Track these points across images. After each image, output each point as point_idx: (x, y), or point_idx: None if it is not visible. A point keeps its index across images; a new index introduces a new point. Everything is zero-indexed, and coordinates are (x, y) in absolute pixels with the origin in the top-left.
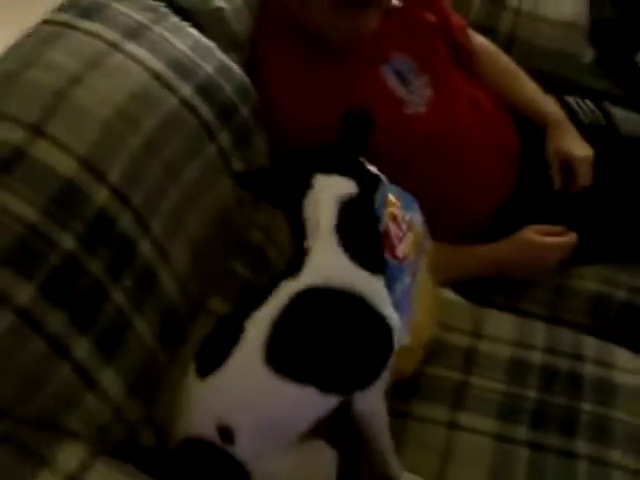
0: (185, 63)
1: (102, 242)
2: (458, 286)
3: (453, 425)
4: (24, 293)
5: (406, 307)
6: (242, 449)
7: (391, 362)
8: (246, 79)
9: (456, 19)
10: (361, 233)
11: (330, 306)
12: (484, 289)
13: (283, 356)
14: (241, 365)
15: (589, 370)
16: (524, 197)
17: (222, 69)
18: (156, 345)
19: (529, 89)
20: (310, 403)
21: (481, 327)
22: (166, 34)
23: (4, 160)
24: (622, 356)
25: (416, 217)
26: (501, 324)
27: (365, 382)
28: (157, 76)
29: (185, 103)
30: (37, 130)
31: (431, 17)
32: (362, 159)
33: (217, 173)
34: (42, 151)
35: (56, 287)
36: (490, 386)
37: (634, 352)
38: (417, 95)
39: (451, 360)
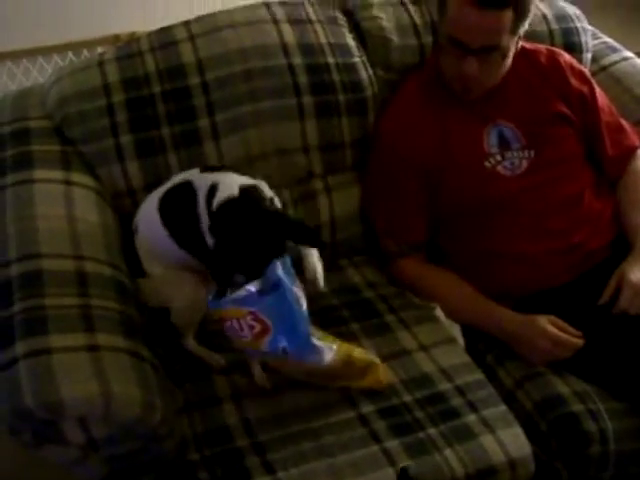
0: (314, 48)
1: (175, 99)
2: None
3: None
4: None
5: None
6: (138, 240)
7: None
8: (363, 85)
9: (624, 138)
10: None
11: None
12: (487, 341)
13: (164, 213)
14: (149, 205)
15: (458, 403)
16: (570, 294)
17: (343, 67)
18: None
19: None
20: (170, 246)
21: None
22: (319, 29)
23: (160, 44)
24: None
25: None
26: (452, 355)
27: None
28: (283, 44)
29: (290, 66)
30: (191, 37)
31: (563, 107)
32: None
33: (288, 118)
34: (184, 47)
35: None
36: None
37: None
38: (508, 161)
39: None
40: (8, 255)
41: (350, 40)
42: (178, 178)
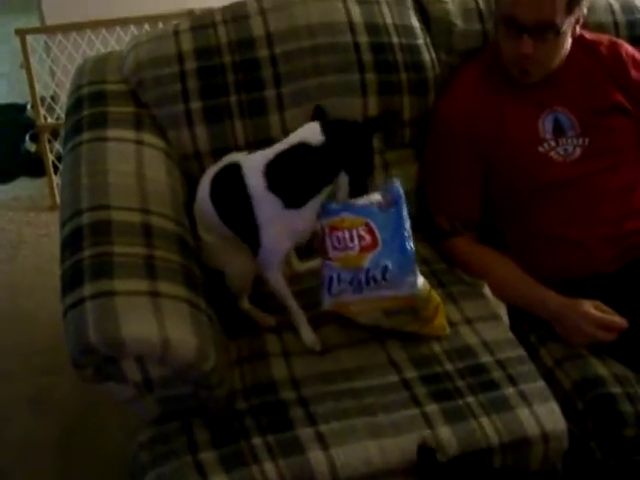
0: (379, 27)
1: (244, 69)
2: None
3: None
4: None
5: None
6: (195, 208)
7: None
8: (425, 66)
9: None
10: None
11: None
12: (531, 322)
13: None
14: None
15: (497, 376)
16: (617, 281)
17: (407, 48)
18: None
19: None
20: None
21: (478, 324)
22: (385, 10)
23: (232, 17)
24: (546, 409)
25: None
26: (496, 331)
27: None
28: (350, 22)
29: (356, 43)
30: (262, 12)
31: (621, 98)
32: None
33: (351, 94)
34: (255, 21)
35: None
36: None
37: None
38: (562, 147)
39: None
40: (81, 205)
41: (415, 22)
42: (227, 159)
